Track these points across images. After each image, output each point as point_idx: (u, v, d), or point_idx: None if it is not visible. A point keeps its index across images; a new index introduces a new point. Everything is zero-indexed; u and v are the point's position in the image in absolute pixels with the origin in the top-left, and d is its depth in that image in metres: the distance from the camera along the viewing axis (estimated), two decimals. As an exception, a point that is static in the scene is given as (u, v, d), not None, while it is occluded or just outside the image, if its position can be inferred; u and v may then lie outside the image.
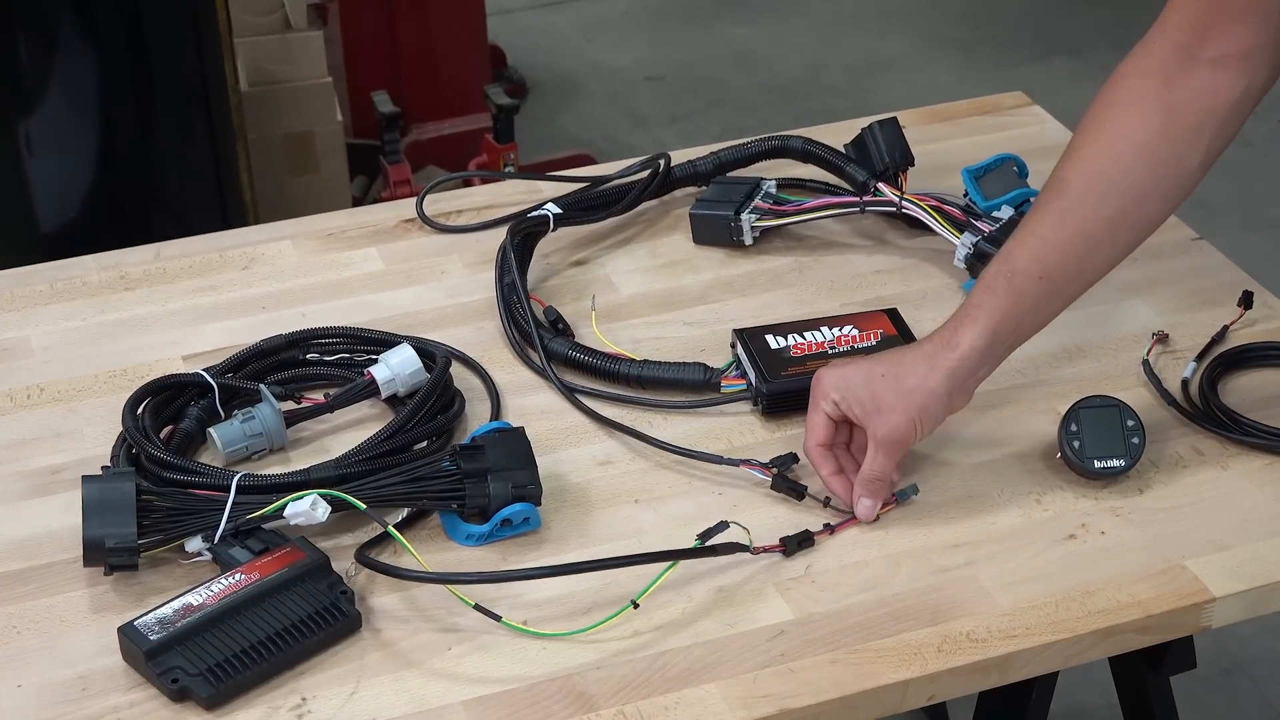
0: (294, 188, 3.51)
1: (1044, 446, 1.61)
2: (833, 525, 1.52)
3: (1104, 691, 2.00)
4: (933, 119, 2.17)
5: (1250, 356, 1.72)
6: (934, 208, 1.86)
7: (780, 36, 4.89)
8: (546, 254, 1.90)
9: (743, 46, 4.84)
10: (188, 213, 2.96)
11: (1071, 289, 1.57)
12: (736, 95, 4.58)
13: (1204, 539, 1.51)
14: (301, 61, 3.50)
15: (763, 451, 1.60)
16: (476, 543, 1.50)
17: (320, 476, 1.51)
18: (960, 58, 4.75)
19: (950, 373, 1.51)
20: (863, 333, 1.70)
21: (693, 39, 4.88)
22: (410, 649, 1.41)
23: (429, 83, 3.87)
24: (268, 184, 3.36)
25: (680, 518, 1.54)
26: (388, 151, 3.55)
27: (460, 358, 1.72)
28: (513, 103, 3.63)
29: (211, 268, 1.89)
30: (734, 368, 1.69)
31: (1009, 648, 1.41)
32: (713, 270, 1.88)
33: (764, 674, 1.38)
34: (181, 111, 2.92)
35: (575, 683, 1.37)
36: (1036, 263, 1.53)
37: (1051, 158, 2.03)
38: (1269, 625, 2.84)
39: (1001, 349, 1.55)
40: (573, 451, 1.62)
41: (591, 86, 4.64)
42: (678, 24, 4.96)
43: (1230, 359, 1.72)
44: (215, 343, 1.76)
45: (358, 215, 1.99)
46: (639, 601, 1.42)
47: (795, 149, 1.99)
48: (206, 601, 1.40)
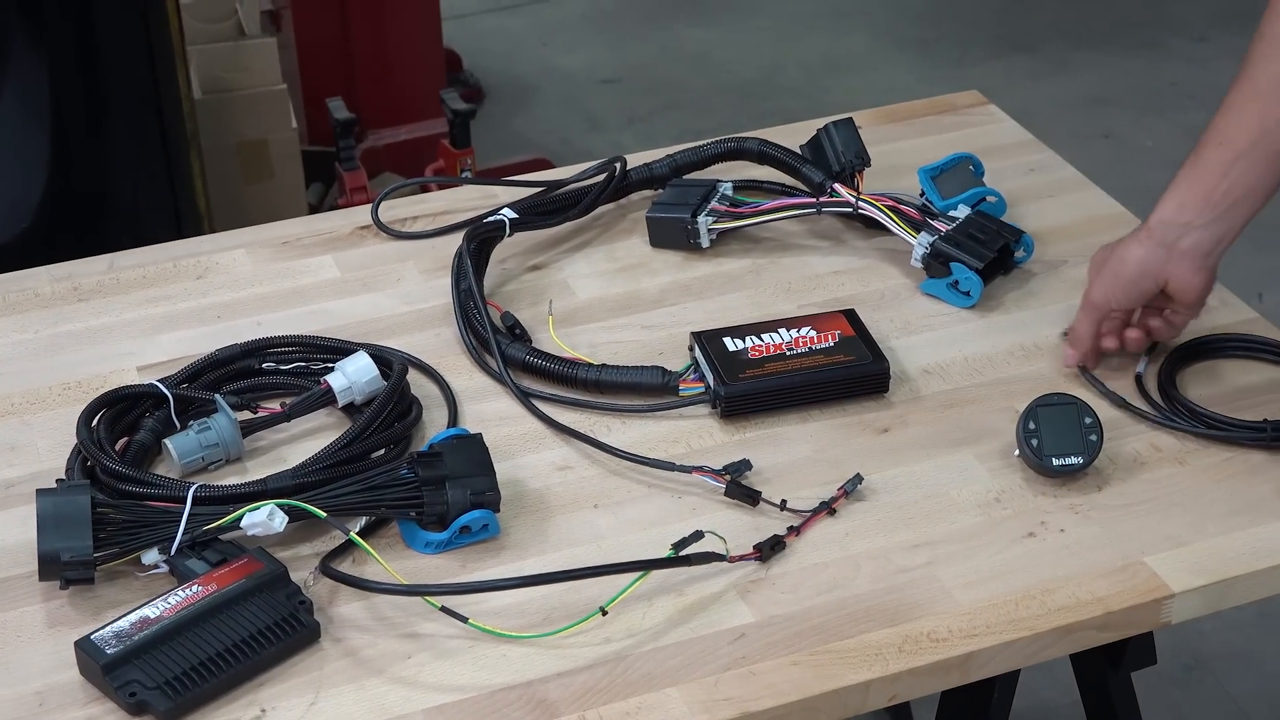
0: (249, 196, 3.50)
1: (1003, 445, 1.61)
2: (796, 527, 1.52)
3: (1067, 689, 2.00)
4: (889, 119, 2.17)
5: (1206, 349, 1.74)
6: (890, 208, 1.86)
7: (737, 38, 4.89)
8: (503, 259, 1.89)
9: (699, 48, 4.84)
10: (141, 222, 2.94)
11: (1262, 150, 1.62)
12: (694, 97, 4.58)
13: (1163, 535, 1.51)
14: (255, 68, 3.49)
15: (722, 454, 1.60)
16: (435, 550, 1.50)
17: (277, 486, 1.50)
18: (918, 57, 4.76)
19: (1139, 244, 1.65)
20: (820, 334, 1.70)
21: (649, 41, 4.88)
22: (371, 658, 1.40)
23: (384, 88, 3.86)
24: (223, 192, 3.34)
25: (640, 522, 1.53)
26: (343, 158, 3.54)
27: (417, 365, 1.72)
28: (469, 107, 3.62)
29: (165, 277, 1.88)
30: (692, 370, 1.69)
31: (970, 647, 1.41)
32: (670, 273, 1.88)
33: (725, 677, 1.38)
34: (134, 120, 2.91)
35: (536, 690, 1.37)
36: (1216, 131, 1.63)
37: (1008, 156, 2.06)
38: (1231, 620, 2.85)
39: (1198, 220, 1.63)
40: (531, 457, 1.61)
41: (548, 90, 4.64)
42: (634, 26, 4.96)
43: (1185, 353, 1.72)
44: (170, 353, 1.75)
45: (313, 223, 1.98)
46: (607, 609, 1.42)
47: (751, 151, 1.99)
48: (164, 614, 1.39)
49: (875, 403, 1.68)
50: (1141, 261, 1.66)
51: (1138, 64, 4.60)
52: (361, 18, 3.82)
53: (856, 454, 1.61)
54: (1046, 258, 1.87)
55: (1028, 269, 1.86)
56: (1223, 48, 4.57)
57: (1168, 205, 1.65)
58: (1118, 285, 1.67)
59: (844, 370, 1.67)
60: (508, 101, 4.57)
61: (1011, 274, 1.85)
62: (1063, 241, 1.90)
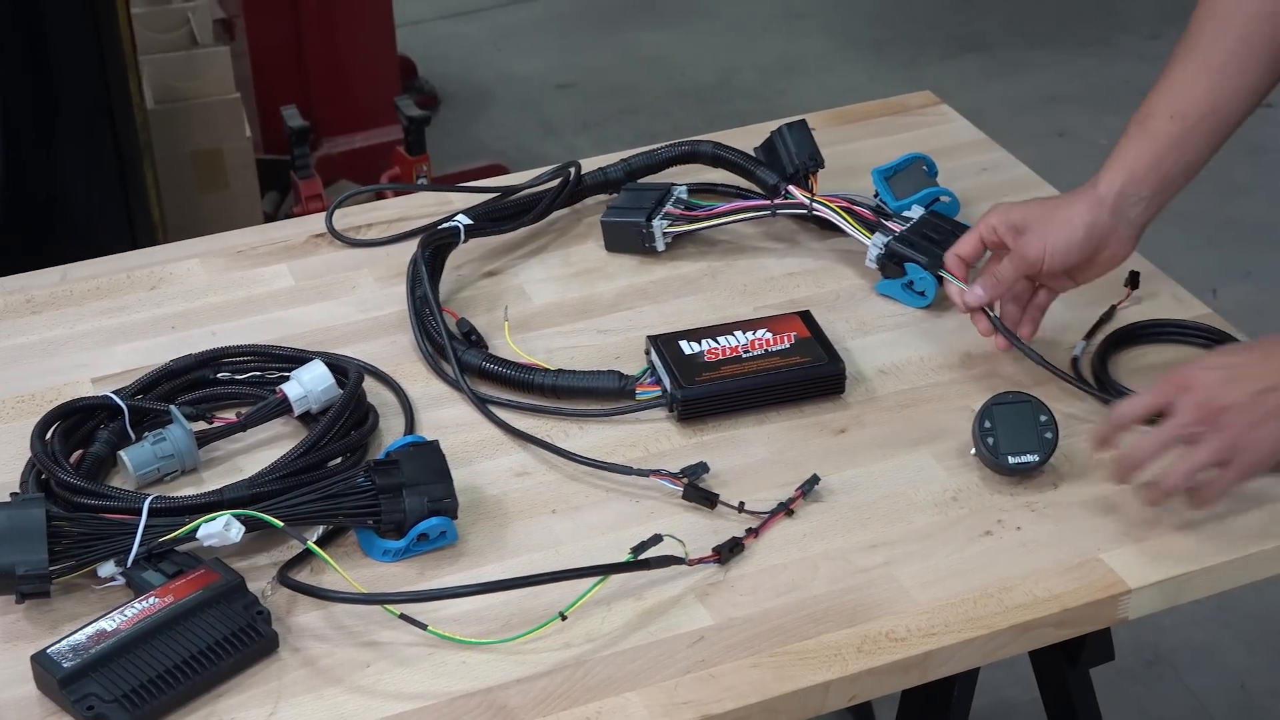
0: (204, 205, 3.49)
1: (959, 444, 1.62)
2: (755, 529, 1.52)
3: (1027, 686, 2.00)
4: (842, 120, 2.17)
5: (1139, 334, 1.76)
6: (844, 209, 1.86)
7: (692, 41, 4.89)
8: (458, 265, 1.89)
9: (654, 52, 4.84)
10: (95, 233, 2.92)
11: (1210, 125, 1.64)
12: (649, 101, 4.58)
13: (1119, 531, 1.52)
14: (208, 77, 3.47)
15: (679, 457, 1.60)
16: (393, 558, 1.50)
17: (233, 496, 1.50)
18: (872, 57, 4.77)
19: (1089, 207, 1.63)
20: (776, 335, 1.70)
21: (604, 46, 4.88)
22: (329, 667, 1.40)
23: (339, 96, 3.85)
24: (177, 202, 3.33)
25: (598, 526, 1.53)
26: (298, 166, 3.52)
27: (373, 372, 1.71)
28: (424, 114, 3.61)
29: (119, 288, 1.87)
30: (649, 374, 1.69)
31: (928, 646, 1.41)
32: (626, 277, 1.88)
33: (685, 680, 1.38)
34: (86, 130, 2.89)
35: (495, 696, 1.37)
36: (1165, 103, 1.64)
37: (960, 156, 2.07)
38: (1189, 615, 2.87)
39: (1145, 190, 1.64)
40: (488, 463, 1.61)
41: (503, 96, 4.63)
42: (588, 31, 4.96)
43: (1119, 337, 1.75)
44: (125, 364, 1.74)
45: (267, 231, 1.97)
46: (567, 614, 1.42)
47: (705, 154, 1.99)
48: (121, 626, 1.38)
49: (832, 404, 1.68)
50: (1090, 227, 1.64)
51: (1090, 62, 4.62)
52: (315, 25, 3.81)
53: (813, 455, 1.61)
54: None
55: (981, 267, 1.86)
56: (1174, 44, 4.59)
57: (1118, 174, 1.65)
58: (1060, 244, 1.65)
59: (800, 372, 1.67)
60: (463, 108, 4.57)
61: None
62: (1016, 240, 1.90)
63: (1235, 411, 1.48)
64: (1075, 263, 1.67)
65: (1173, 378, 1.52)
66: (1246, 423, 1.48)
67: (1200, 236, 3.83)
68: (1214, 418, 1.48)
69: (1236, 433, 1.48)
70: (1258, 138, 4.28)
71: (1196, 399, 1.49)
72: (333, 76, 3.85)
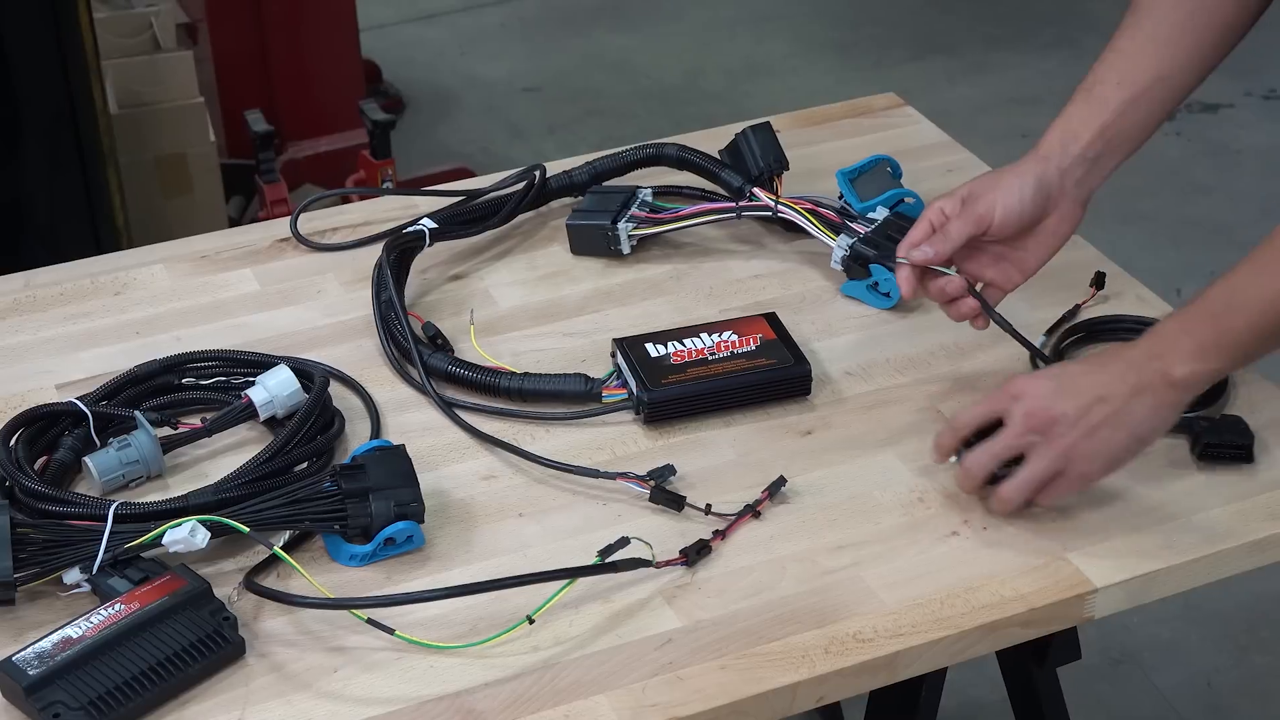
0: (168, 210, 3.47)
1: (925, 445, 1.62)
2: (722, 530, 1.52)
3: (995, 686, 2.01)
4: (807, 122, 2.18)
5: (1100, 330, 1.77)
6: (809, 211, 1.87)
7: (658, 43, 4.90)
8: (424, 269, 1.88)
9: (620, 55, 4.84)
10: (58, 239, 2.91)
11: (1157, 94, 1.65)
12: (615, 104, 4.58)
13: (1084, 531, 1.53)
14: (172, 82, 3.46)
15: (646, 459, 1.60)
16: (360, 563, 1.49)
17: (199, 502, 1.49)
18: (838, 59, 4.78)
19: (1034, 164, 1.64)
20: (742, 338, 1.70)
21: (569, 48, 4.88)
22: (297, 672, 1.40)
23: (303, 100, 3.84)
24: (141, 207, 3.31)
25: (566, 530, 1.53)
26: (263, 171, 3.52)
27: (339, 377, 1.71)
28: (389, 118, 3.60)
29: (83, 294, 1.86)
30: (615, 377, 1.69)
31: (896, 646, 1.42)
32: (591, 280, 1.88)
33: (653, 683, 1.38)
34: (49, 135, 2.88)
35: (464, 700, 1.37)
36: (1113, 71, 1.66)
37: (925, 158, 2.07)
38: (1156, 614, 2.88)
39: (1089, 153, 1.64)
40: (455, 467, 1.61)
41: (468, 99, 4.63)
42: (553, 34, 4.96)
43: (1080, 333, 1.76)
44: (89, 370, 1.73)
45: (231, 236, 1.97)
46: (534, 618, 1.41)
47: (670, 156, 1.99)
48: (86, 633, 1.37)
49: (798, 405, 1.68)
50: (1038, 181, 1.63)
51: (1053, 63, 4.64)
52: (279, 29, 3.80)
53: (780, 457, 1.62)
54: (965, 258, 1.88)
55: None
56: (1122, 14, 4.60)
57: (1060, 134, 1.65)
58: (1010, 200, 1.63)
59: (766, 374, 1.67)
60: (428, 111, 4.56)
61: (931, 274, 1.86)
62: (981, 241, 1.90)
63: (1066, 423, 1.48)
64: (1026, 223, 1.64)
65: (1008, 387, 1.52)
66: (1077, 434, 1.48)
67: (1164, 237, 3.85)
68: (1046, 428, 1.49)
69: (1068, 444, 1.48)
70: (1220, 138, 4.31)
71: (1027, 408, 1.50)
72: (297, 80, 3.84)
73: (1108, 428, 1.47)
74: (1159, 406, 1.48)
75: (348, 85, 3.89)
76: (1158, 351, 1.48)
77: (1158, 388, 1.47)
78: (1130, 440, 1.49)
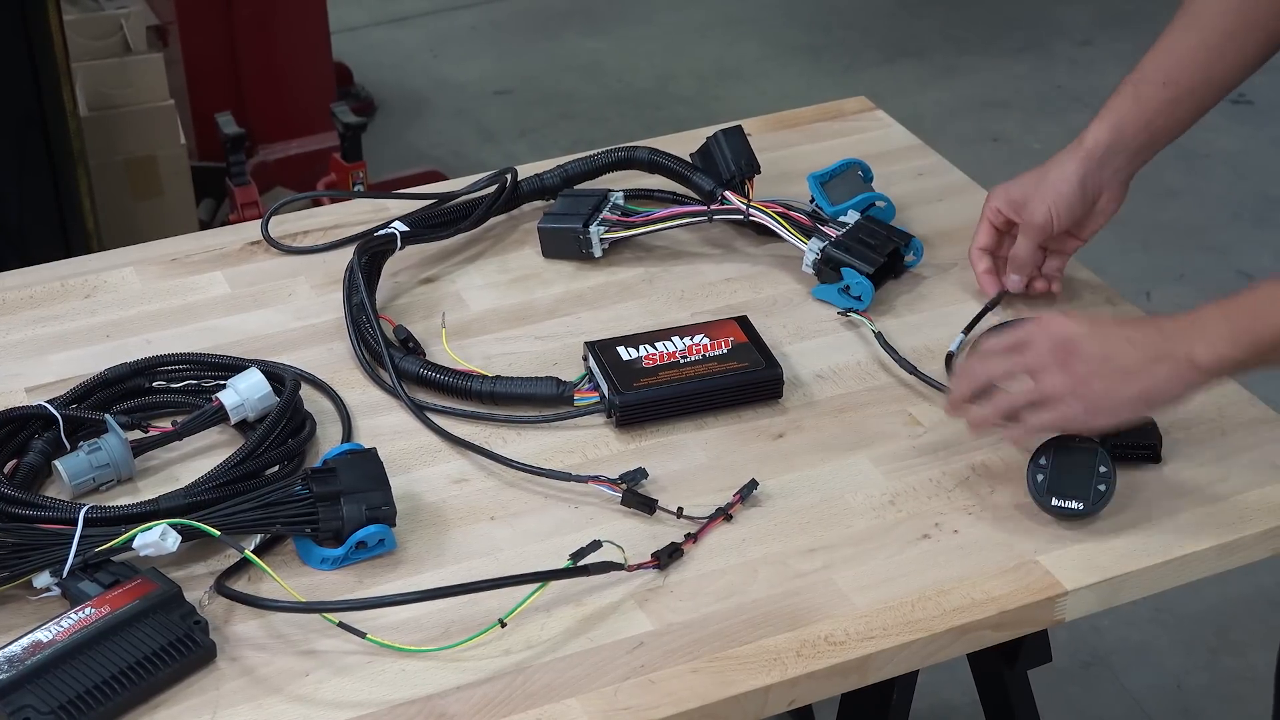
0: (138, 213, 3.46)
1: (896, 448, 1.62)
2: (694, 534, 1.52)
3: (967, 688, 2.02)
4: (778, 126, 2.18)
5: None
6: (780, 214, 1.87)
7: (629, 47, 4.90)
8: (395, 272, 1.88)
9: (591, 58, 4.84)
10: (28, 242, 2.90)
11: (1200, 95, 1.73)
12: (586, 107, 4.58)
13: (1055, 534, 1.53)
14: (142, 84, 3.45)
15: (618, 463, 1.60)
16: (332, 566, 1.49)
17: (169, 506, 1.49)
18: (809, 63, 4.79)
19: (1079, 162, 1.73)
20: (714, 341, 1.70)
21: (541, 52, 4.88)
22: (268, 676, 1.39)
23: (274, 103, 3.84)
24: (111, 210, 3.31)
25: (537, 533, 1.53)
26: (234, 173, 3.51)
27: (310, 380, 1.71)
28: (360, 121, 3.60)
29: (53, 297, 1.85)
30: (586, 380, 1.69)
31: (867, 649, 1.42)
32: (563, 283, 1.88)
33: (625, 686, 1.38)
34: (18, 138, 2.87)
35: (436, 704, 1.36)
36: (1160, 70, 1.73)
37: (896, 161, 2.08)
38: (1126, 616, 2.89)
39: (1133, 145, 1.74)
40: (427, 470, 1.61)
41: (440, 102, 4.62)
42: (525, 37, 4.96)
43: None
44: (59, 374, 1.73)
45: (202, 239, 1.96)
46: (506, 621, 1.41)
47: (642, 160, 1.99)
48: (56, 637, 1.37)
49: (769, 408, 1.68)
50: (1083, 180, 1.74)
51: (1024, 68, 4.65)
52: (249, 32, 3.80)
53: (752, 460, 1.62)
54: (936, 261, 1.89)
55: (918, 273, 1.88)
56: (1107, 50, 4.63)
57: (1105, 129, 1.74)
58: (1061, 202, 1.74)
59: (738, 377, 1.67)
60: (399, 114, 4.56)
61: (902, 278, 1.87)
62: (952, 245, 1.91)
63: (1085, 359, 1.51)
64: (1077, 216, 1.76)
65: (1040, 319, 1.57)
66: (1091, 370, 1.51)
67: (1134, 240, 3.86)
68: (1066, 358, 1.52)
69: (1080, 377, 1.51)
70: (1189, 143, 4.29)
71: (1055, 337, 1.53)
72: (268, 83, 3.83)
73: (1122, 376, 1.50)
74: (1174, 379, 1.50)
75: (319, 88, 3.88)
76: (1192, 328, 1.50)
77: (1179, 361, 1.49)
78: (1138, 398, 1.51)
